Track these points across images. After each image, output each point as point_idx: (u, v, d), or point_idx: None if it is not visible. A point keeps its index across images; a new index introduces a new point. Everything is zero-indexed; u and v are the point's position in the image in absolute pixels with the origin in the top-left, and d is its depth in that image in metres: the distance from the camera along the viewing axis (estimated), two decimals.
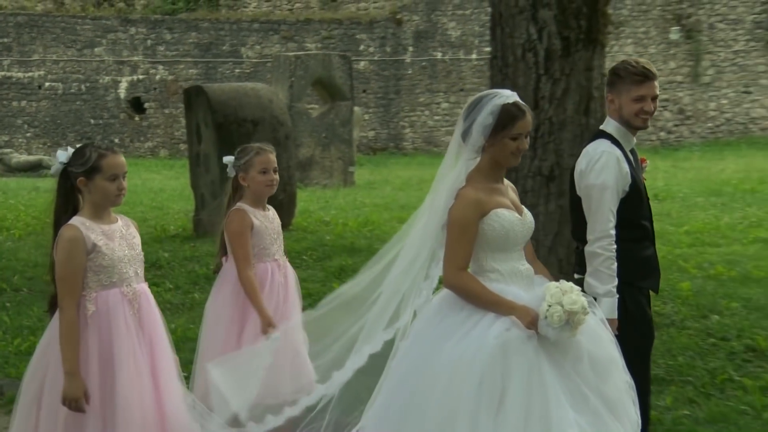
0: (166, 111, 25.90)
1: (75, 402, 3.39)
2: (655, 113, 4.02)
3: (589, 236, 3.79)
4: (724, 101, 25.52)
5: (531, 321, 3.15)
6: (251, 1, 28.13)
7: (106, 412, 3.43)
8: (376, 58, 25.88)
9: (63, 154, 3.52)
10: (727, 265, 7.85)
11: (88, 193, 3.50)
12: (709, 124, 25.48)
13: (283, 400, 3.90)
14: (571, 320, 3.11)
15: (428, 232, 3.38)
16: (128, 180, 3.56)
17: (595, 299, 3.61)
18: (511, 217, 3.29)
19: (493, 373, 3.09)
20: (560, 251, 5.96)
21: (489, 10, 6.98)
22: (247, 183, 4.44)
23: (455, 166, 3.35)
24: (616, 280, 3.74)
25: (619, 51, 25.29)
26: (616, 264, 3.75)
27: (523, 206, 3.42)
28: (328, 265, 8.81)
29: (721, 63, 25.53)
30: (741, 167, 17.55)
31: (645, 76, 3.88)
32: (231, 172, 4.48)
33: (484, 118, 3.27)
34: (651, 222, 4.00)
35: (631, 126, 3.94)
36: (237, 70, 25.75)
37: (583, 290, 3.35)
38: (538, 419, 3.05)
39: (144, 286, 3.61)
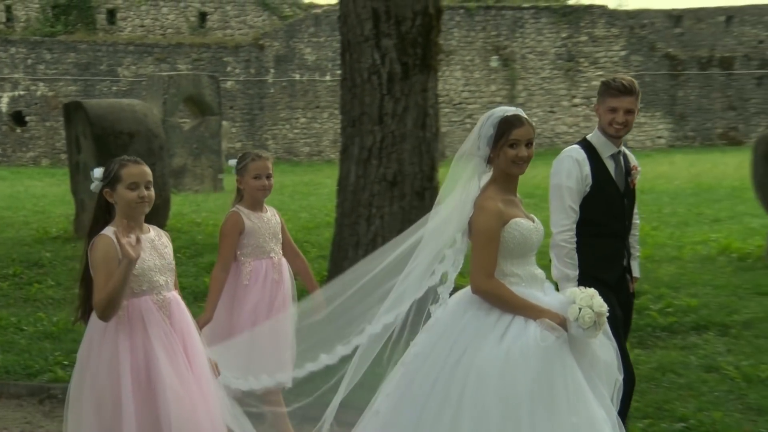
0: (47, 124, 24.53)
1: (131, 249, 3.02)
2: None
3: (553, 229, 3.78)
4: (535, 119, 26.64)
5: (560, 323, 3.00)
6: (126, 25, 27.08)
7: (142, 414, 3.07)
8: (241, 78, 25.49)
9: (97, 171, 3.28)
10: (538, 255, 8.20)
11: (115, 204, 3.24)
12: None
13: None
14: (598, 321, 2.99)
15: (441, 239, 3.17)
16: (10, 187, 3.29)
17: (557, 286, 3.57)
18: (529, 226, 3.14)
19: (544, 370, 2.92)
20: None
21: (340, 38, 7.01)
22: (242, 186, 4.23)
23: (468, 180, 3.16)
24: (578, 269, 3.74)
25: (450, 75, 26.01)
26: (576, 254, 3.75)
27: (532, 215, 3.23)
28: (200, 261, 8.65)
29: (532, 87, 26.73)
30: (547, 173, 18.34)
31: (619, 90, 3.78)
32: (234, 174, 4.29)
33: (487, 129, 3.13)
34: (621, 221, 3.87)
35: (607, 134, 3.84)
36: (114, 88, 24.70)
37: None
38: (585, 417, 2.91)
39: (175, 294, 3.26)
